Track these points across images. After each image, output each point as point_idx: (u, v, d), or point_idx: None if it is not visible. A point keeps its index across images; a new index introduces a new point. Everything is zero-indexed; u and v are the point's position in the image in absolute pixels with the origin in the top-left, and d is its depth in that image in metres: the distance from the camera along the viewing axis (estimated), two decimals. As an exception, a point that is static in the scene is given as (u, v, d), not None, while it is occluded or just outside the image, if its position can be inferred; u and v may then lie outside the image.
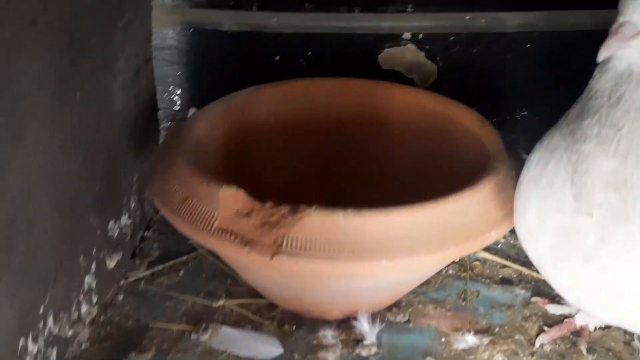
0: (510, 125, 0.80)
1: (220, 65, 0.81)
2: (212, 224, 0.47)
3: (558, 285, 0.49)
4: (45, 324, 0.49)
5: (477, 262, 0.65)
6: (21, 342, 0.45)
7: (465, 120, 0.63)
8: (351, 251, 0.45)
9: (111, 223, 0.61)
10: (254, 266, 0.50)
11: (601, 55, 0.41)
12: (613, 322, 0.52)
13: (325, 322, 0.57)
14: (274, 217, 0.46)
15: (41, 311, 0.48)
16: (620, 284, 0.44)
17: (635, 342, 0.55)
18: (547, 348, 0.55)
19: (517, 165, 0.55)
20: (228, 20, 0.77)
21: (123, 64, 0.62)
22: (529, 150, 0.51)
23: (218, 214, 0.47)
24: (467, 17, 0.75)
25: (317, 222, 0.45)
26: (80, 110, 0.52)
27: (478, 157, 0.57)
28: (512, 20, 0.74)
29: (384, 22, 0.77)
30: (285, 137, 0.69)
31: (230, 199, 0.47)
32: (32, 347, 0.46)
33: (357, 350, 0.54)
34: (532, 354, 0.54)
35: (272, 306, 0.59)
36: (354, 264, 0.45)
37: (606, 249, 0.42)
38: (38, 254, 0.47)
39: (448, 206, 0.48)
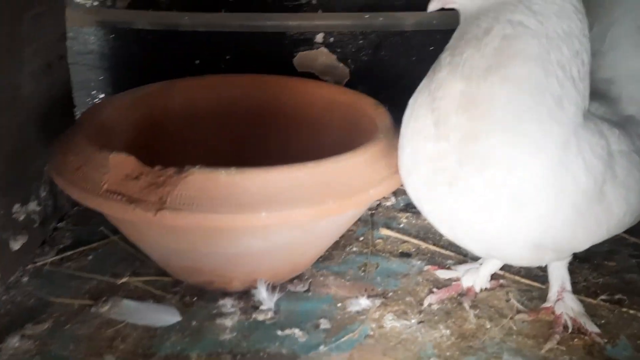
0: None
1: (143, 69, 0.84)
2: (102, 187, 0.49)
3: (432, 218, 0.51)
4: None
5: (380, 240, 0.68)
6: None
7: (364, 105, 0.67)
8: (232, 205, 0.47)
9: (16, 206, 0.62)
10: (142, 226, 0.52)
11: (429, 8, 0.47)
12: (482, 252, 0.55)
13: (226, 294, 0.59)
14: (160, 178, 0.48)
15: None
16: (478, 207, 0.46)
17: (512, 301, 0.58)
18: (435, 307, 0.58)
19: None
20: (142, 20, 0.80)
21: (32, 55, 0.64)
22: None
23: (108, 177, 0.49)
24: (367, 17, 0.81)
25: (201, 180, 0.48)
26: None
27: (371, 134, 0.61)
28: (408, 19, 0.80)
29: (292, 22, 0.82)
30: (197, 129, 0.71)
31: (120, 164, 0.50)
32: None
33: (254, 316, 0.56)
34: (420, 312, 0.57)
35: (177, 283, 0.61)
36: (234, 217, 0.47)
37: (463, 171, 0.45)
38: None
39: (328, 166, 0.51)
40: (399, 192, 0.70)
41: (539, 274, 0.62)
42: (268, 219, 0.47)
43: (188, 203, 0.47)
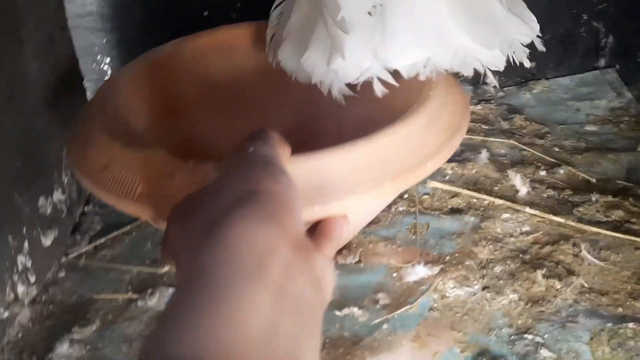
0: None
1: (148, 27, 0.78)
2: (136, 191, 0.43)
3: None
4: (-25, 308, 0.46)
5: (426, 196, 0.64)
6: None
7: None
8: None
9: (41, 200, 0.58)
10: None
11: None
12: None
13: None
14: (198, 175, 0.43)
15: (-33, 295, 0.45)
16: None
17: (583, 253, 0.55)
18: (498, 269, 0.54)
19: (459, 90, 0.52)
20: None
21: (32, 31, 0.58)
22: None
23: (140, 179, 0.43)
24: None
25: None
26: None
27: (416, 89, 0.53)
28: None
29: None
30: (214, 94, 0.65)
31: (151, 162, 0.44)
32: (-38, 333, 0.44)
33: (308, 296, 0.53)
34: (483, 277, 0.54)
35: (220, 264, 0.58)
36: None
37: None
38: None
39: (379, 142, 0.45)
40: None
41: (603, 220, 0.58)
42: (321, 212, 0.42)
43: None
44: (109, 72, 0.78)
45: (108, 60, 0.80)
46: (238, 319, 0.25)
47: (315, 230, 0.37)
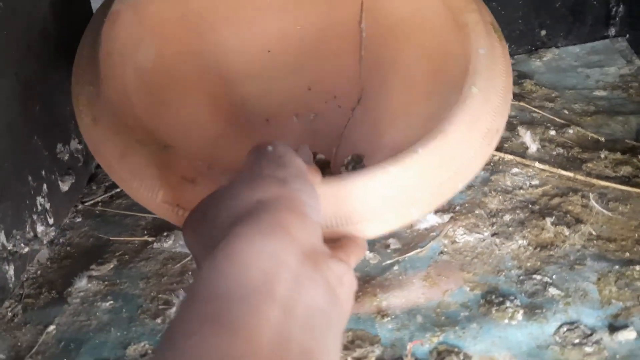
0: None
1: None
2: (158, 196, 0.40)
3: None
4: (-4, 240, 0.48)
5: (437, 153, 0.65)
6: (-29, 255, 0.44)
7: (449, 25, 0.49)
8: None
9: (59, 146, 0.59)
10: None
11: None
12: None
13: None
14: (220, 183, 0.38)
15: (-11, 226, 0.47)
16: None
17: (592, 203, 0.55)
18: (507, 217, 0.55)
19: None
20: None
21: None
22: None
23: (162, 183, 0.40)
24: None
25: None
26: (5, 23, 0.50)
27: (460, 77, 0.44)
28: None
29: None
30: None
31: (170, 165, 0.40)
32: (-16, 261, 0.45)
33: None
34: (492, 225, 0.55)
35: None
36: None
37: None
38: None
39: (421, 156, 0.39)
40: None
41: (611, 175, 0.59)
42: (345, 232, 0.37)
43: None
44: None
45: None
46: (247, 333, 0.24)
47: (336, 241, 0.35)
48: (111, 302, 0.49)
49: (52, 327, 0.48)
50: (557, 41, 0.83)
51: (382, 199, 0.38)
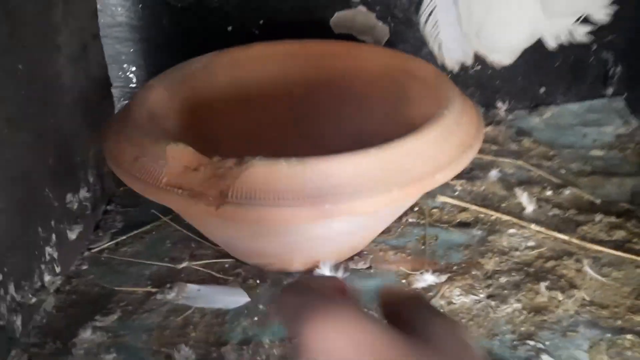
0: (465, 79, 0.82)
1: (174, 39, 0.81)
2: (162, 180, 0.48)
3: None
4: (6, 291, 0.49)
5: (436, 210, 0.67)
6: (-19, 308, 0.45)
7: (422, 73, 0.63)
8: (295, 198, 0.45)
9: (69, 196, 0.61)
10: (205, 218, 0.51)
11: None
12: None
13: (289, 274, 0.58)
14: (220, 170, 0.47)
15: (0, 278, 0.48)
16: None
17: (586, 268, 0.57)
18: (503, 279, 0.56)
19: (475, 113, 0.56)
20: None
21: (67, 38, 0.61)
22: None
23: (167, 170, 0.48)
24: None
25: (261, 172, 0.46)
26: (25, 84, 0.52)
27: (431, 107, 0.56)
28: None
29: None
30: (244, 104, 0.69)
31: (177, 156, 0.48)
32: (-6, 314, 0.47)
33: (319, 297, 0.55)
34: (488, 286, 0.56)
35: (236, 265, 0.60)
36: (297, 209, 0.45)
37: None
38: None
39: (391, 151, 0.48)
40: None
41: (605, 239, 0.60)
42: (332, 212, 0.45)
43: (249, 197, 0.45)
44: (134, 79, 0.82)
45: (134, 68, 0.84)
46: None
47: None
48: (114, 354, 0.51)
49: (55, 378, 0.49)
50: (556, 98, 0.85)
51: (364, 177, 0.46)
